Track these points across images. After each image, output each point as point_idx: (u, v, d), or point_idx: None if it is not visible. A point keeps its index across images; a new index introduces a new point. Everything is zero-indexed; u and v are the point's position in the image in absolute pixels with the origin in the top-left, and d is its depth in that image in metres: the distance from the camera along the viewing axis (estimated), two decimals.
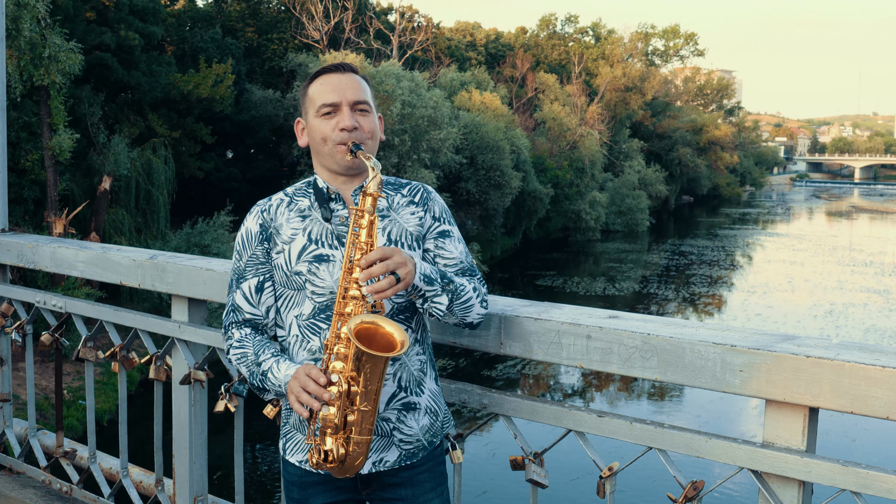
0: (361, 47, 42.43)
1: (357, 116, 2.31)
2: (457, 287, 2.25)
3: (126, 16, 27.32)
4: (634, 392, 21.17)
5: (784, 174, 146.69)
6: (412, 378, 2.31)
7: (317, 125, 2.32)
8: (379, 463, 2.28)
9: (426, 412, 2.34)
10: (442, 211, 2.42)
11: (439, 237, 2.38)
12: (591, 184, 51.33)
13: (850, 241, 54.47)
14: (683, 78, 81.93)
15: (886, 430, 16.76)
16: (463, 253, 2.39)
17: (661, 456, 2.21)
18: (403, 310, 2.30)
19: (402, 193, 2.38)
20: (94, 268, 3.51)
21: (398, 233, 2.32)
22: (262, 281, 2.35)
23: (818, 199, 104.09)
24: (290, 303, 2.32)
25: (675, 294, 34.20)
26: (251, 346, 2.31)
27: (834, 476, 1.96)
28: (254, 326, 2.38)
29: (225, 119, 32.89)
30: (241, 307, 2.37)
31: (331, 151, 2.30)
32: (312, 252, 2.28)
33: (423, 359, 2.36)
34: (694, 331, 2.17)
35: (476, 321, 2.33)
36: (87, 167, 24.73)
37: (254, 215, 2.39)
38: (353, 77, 2.35)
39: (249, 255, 2.37)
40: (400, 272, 2.09)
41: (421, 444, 2.33)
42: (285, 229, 2.33)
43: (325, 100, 2.30)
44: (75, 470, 3.79)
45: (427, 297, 2.21)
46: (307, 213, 2.33)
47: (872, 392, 1.88)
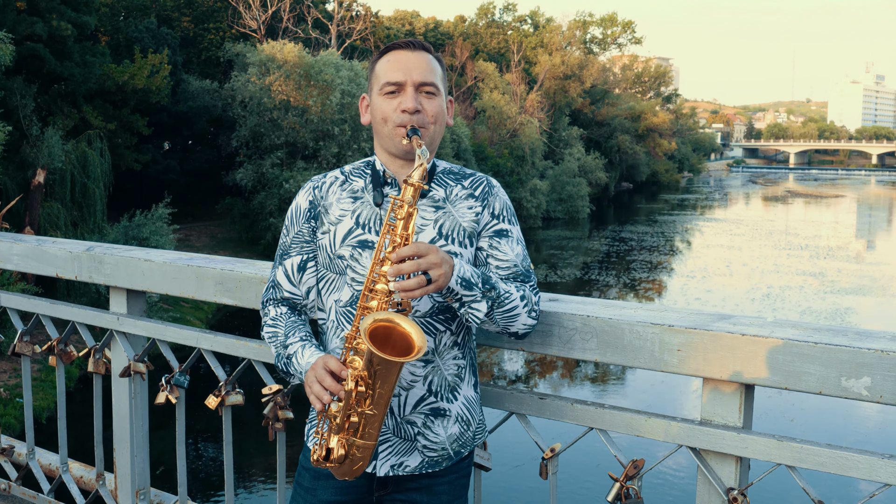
0: (300, 37, 42.12)
1: (422, 98, 2.18)
2: (500, 294, 2.11)
3: (58, 5, 26.77)
4: (579, 376, 21.35)
5: (721, 160, 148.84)
6: (445, 383, 2.21)
7: (379, 104, 2.21)
8: (398, 466, 2.20)
9: (457, 420, 2.23)
10: (503, 208, 2.27)
11: (495, 236, 2.23)
12: (531, 172, 51.57)
13: (786, 226, 55.44)
14: (621, 66, 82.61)
15: (822, 408, 17.13)
16: (519, 256, 2.24)
17: (602, 436, 2.23)
18: (445, 309, 2.19)
19: (463, 185, 2.26)
20: (29, 260, 3.45)
21: (450, 227, 2.19)
22: (305, 260, 2.27)
23: (755, 184, 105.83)
24: (331, 286, 2.23)
25: (616, 280, 34.53)
26: (283, 327, 2.24)
27: (769, 451, 2.00)
28: (291, 306, 2.31)
29: (162, 110, 32.47)
30: (280, 284, 2.30)
31: (390, 133, 2.19)
32: (358, 236, 2.18)
33: (462, 364, 2.25)
34: (633, 312, 2.20)
35: (522, 332, 2.20)
36: (20, 160, 24.23)
37: (305, 191, 2.30)
38: (423, 55, 2.22)
39: (296, 232, 2.28)
40: (432, 273, 1.96)
41: (446, 453, 2.23)
42: (334, 209, 2.23)
43: (390, 78, 2.18)
44: (13, 467, 3.72)
45: (464, 301, 2.08)
46: (359, 195, 2.24)
47: (805, 368, 1.93)
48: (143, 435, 3.25)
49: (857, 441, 15.55)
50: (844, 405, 16.68)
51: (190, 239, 30.88)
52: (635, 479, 2.18)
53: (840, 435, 16.00)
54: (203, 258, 3.03)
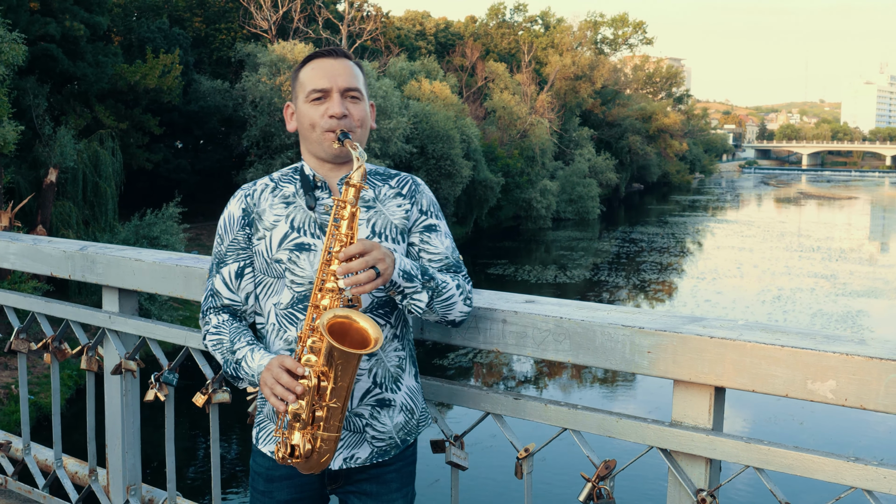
0: (310, 37, 42.22)
1: (347, 103, 2.25)
2: (438, 284, 2.21)
3: (71, 6, 26.95)
4: (588, 379, 21.36)
5: (733, 161, 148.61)
6: (388, 374, 2.28)
7: (306, 111, 2.27)
8: (350, 459, 2.27)
9: (401, 410, 2.31)
10: (430, 204, 2.36)
11: (425, 231, 2.33)
12: (541, 172, 51.54)
13: (798, 227, 55.26)
14: (632, 66, 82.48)
15: (831, 412, 17.09)
16: (449, 248, 2.34)
17: (575, 436, 2.26)
18: (383, 304, 2.26)
19: (390, 185, 2.34)
20: (25, 259, 3.50)
21: (382, 225, 2.27)
22: (242, 266, 2.32)
23: (767, 185, 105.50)
24: (270, 290, 2.29)
25: (626, 281, 34.50)
26: (227, 333, 2.27)
27: (738, 453, 2.02)
28: (232, 312, 2.35)
29: (173, 110, 32.60)
30: (219, 292, 2.34)
31: (319, 138, 2.25)
32: (294, 240, 2.24)
33: (402, 355, 2.32)
34: (605, 314, 2.23)
35: (459, 319, 2.29)
36: (32, 159, 24.38)
37: (237, 199, 2.35)
38: (345, 63, 2.29)
39: (231, 240, 2.33)
40: (379, 267, 2.04)
41: (394, 442, 2.30)
42: (268, 215, 2.29)
43: (316, 85, 2.25)
44: (10, 462, 3.77)
45: (406, 293, 2.17)
46: (291, 200, 2.29)
47: (772, 370, 1.96)
48: (135, 432, 3.29)
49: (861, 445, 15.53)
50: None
51: (201, 238, 30.94)
52: (607, 479, 2.21)
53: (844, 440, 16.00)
54: (192, 258, 3.08)
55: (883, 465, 1.88)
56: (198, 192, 34.18)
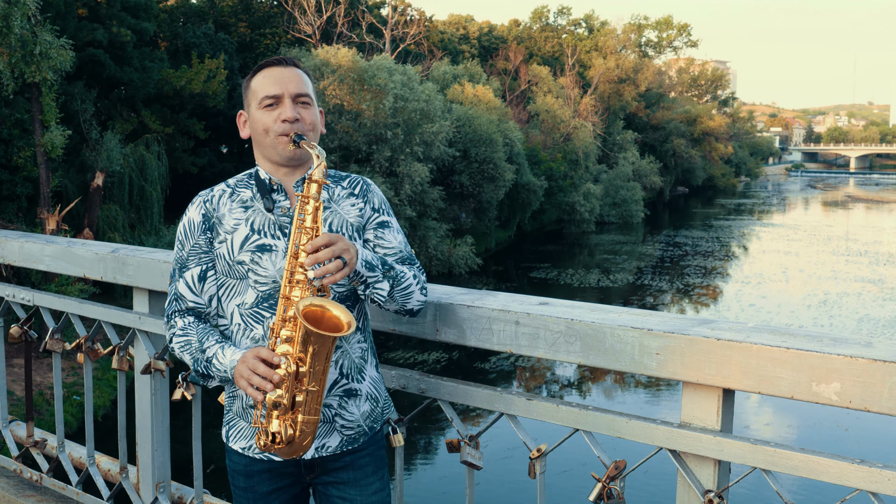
0: (354, 41, 42.46)
1: (299, 108, 2.35)
2: (397, 274, 2.31)
3: (118, 12, 27.36)
4: (630, 385, 21.28)
5: (779, 164, 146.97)
6: (353, 365, 2.36)
7: (259, 116, 2.36)
8: (322, 448, 2.34)
9: (367, 398, 2.39)
10: (381, 203, 2.46)
11: (378, 227, 2.42)
12: (585, 175, 51.38)
13: (846, 231, 54.55)
14: (677, 69, 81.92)
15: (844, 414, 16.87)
16: (402, 243, 2.45)
17: (587, 437, 2.29)
18: (344, 298, 2.35)
19: (343, 186, 2.44)
20: (59, 261, 3.59)
21: (339, 223, 2.37)
22: (204, 270, 2.39)
23: (813, 189, 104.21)
24: (232, 292, 2.36)
25: (670, 285, 34.28)
26: (195, 334, 2.34)
27: (744, 455, 2.04)
28: (197, 315, 2.41)
29: (218, 114, 32.94)
30: (183, 296, 2.40)
31: (273, 142, 2.34)
32: (255, 242, 2.31)
33: (364, 346, 2.41)
34: (616, 316, 2.25)
35: (416, 308, 2.39)
36: (80, 163, 24.78)
37: (196, 205, 2.43)
38: (294, 70, 2.39)
39: (192, 245, 2.40)
40: (345, 257, 2.14)
41: (362, 430, 2.39)
42: (228, 219, 2.36)
43: (268, 92, 2.34)
44: (45, 459, 3.87)
45: (369, 283, 2.26)
46: (249, 204, 2.37)
47: (778, 373, 1.97)
48: (164, 430, 3.36)
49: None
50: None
51: None
52: (617, 479, 2.23)
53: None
54: None
55: (888, 467, 1.88)
56: None
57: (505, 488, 13.19)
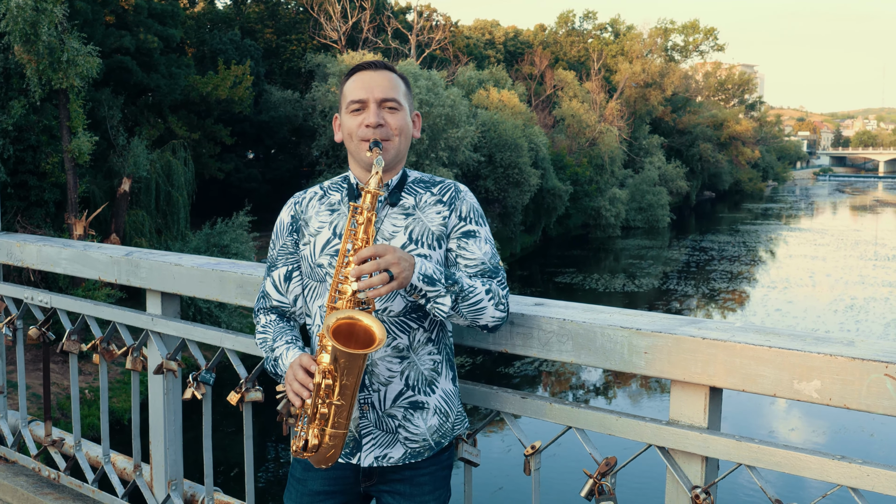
0: (379, 47, 42.60)
1: (384, 113, 2.34)
2: (463, 288, 2.23)
3: (145, 19, 27.61)
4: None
5: (807, 169, 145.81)
6: (422, 377, 2.34)
7: (346, 121, 2.37)
8: (382, 458, 2.34)
9: (435, 412, 2.37)
10: (470, 210, 2.40)
11: (463, 237, 2.37)
12: (610, 180, 51.29)
13: (874, 236, 54.10)
14: (704, 73, 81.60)
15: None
16: (487, 254, 2.37)
17: (579, 434, 2.34)
18: (417, 308, 2.32)
19: (432, 192, 2.39)
20: (75, 264, 3.68)
21: (420, 232, 2.33)
22: (290, 270, 2.45)
23: (842, 193, 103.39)
24: (315, 293, 2.39)
25: (696, 290, 34.14)
26: (271, 332, 2.42)
27: (729, 451, 2.08)
28: (280, 313, 2.49)
29: (244, 120, 33.13)
30: (269, 294, 2.49)
31: (356, 147, 2.35)
32: (335, 246, 2.33)
33: (438, 358, 2.38)
34: (607, 316, 2.30)
35: (491, 324, 2.31)
36: (107, 169, 25.00)
37: (288, 206, 2.48)
38: (385, 74, 2.38)
39: (281, 245, 2.47)
40: (393, 270, 2.08)
41: (427, 444, 2.37)
42: (314, 222, 2.40)
43: (354, 96, 2.35)
44: (62, 458, 3.96)
45: (429, 297, 2.20)
46: (336, 208, 2.39)
47: (761, 371, 2.01)
48: (176, 429, 3.44)
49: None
50: None
51: None
52: (608, 475, 2.28)
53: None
54: (230, 263, 3.22)
55: (867, 463, 1.92)
56: (268, 201, 34.65)
57: (501, 484, 13.29)
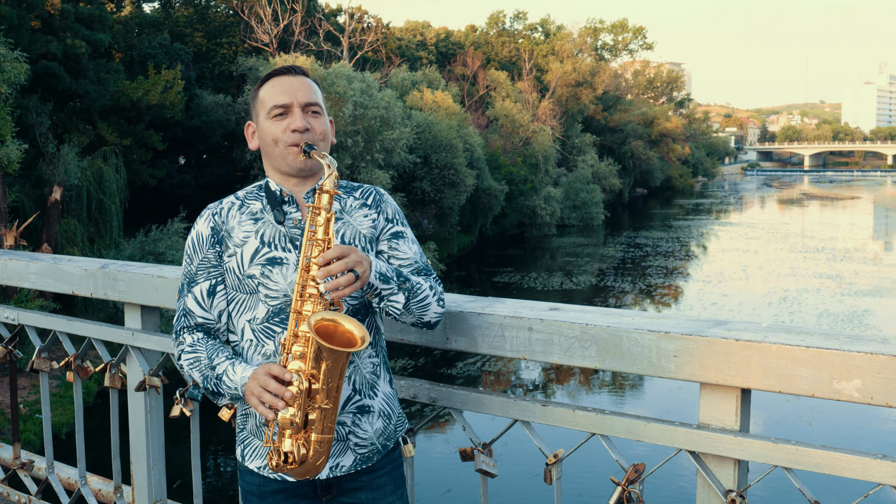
0: (311, 49, 42.31)
1: (309, 118, 2.28)
2: (413, 285, 2.24)
3: (72, 23, 27.03)
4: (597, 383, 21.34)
5: (735, 164, 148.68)
6: (365, 381, 2.29)
7: (268, 127, 2.29)
8: (336, 468, 2.27)
9: (380, 415, 2.32)
10: (395, 213, 2.40)
11: (392, 238, 2.36)
12: (545, 179, 51.60)
13: (802, 228, 55.24)
14: (633, 71, 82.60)
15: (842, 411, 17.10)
16: (417, 253, 2.38)
17: (604, 441, 2.29)
18: (356, 312, 2.28)
19: (355, 196, 2.37)
20: (45, 279, 3.53)
21: (351, 235, 2.30)
22: (213, 284, 2.32)
23: (769, 187, 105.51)
24: (243, 307, 2.29)
25: (632, 286, 34.48)
26: (204, 350, 2.27)
27: (766, 453, 2.05)
28: (206, 331, 2.34)
29: (176, 125, 32.65)
30: (192, 311, 2.33)
31: (282, 153, 2.27)
32: (265, 255, 2.25)
33: (377, 361, 2.34)
34: (630, 319, 2.25)
35: (434, 320, 2.33)
36: (36, 177, 24.43)
37: (204, 218, 2.37)
38: (303, 79, 2.33)
39: (201, 259, 2.33)
40: (358, 269, 2.07)
41: (375, 448, 2.31)
42: (237, 232, 2.30)
43: (277, 101, 2.28)
44: (33, 481, 3.80)
45: (383, 295, 2.20)
46: (259, 216, 2.31)
47: (798, 371, 1.98)
48: (160, 448, 3.31)
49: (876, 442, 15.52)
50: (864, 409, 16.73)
51: None
52: (636, 482, 2.23)
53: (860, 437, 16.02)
54: None
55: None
56: (202, 206, 33.77)
57: (521, 496, 13.16)
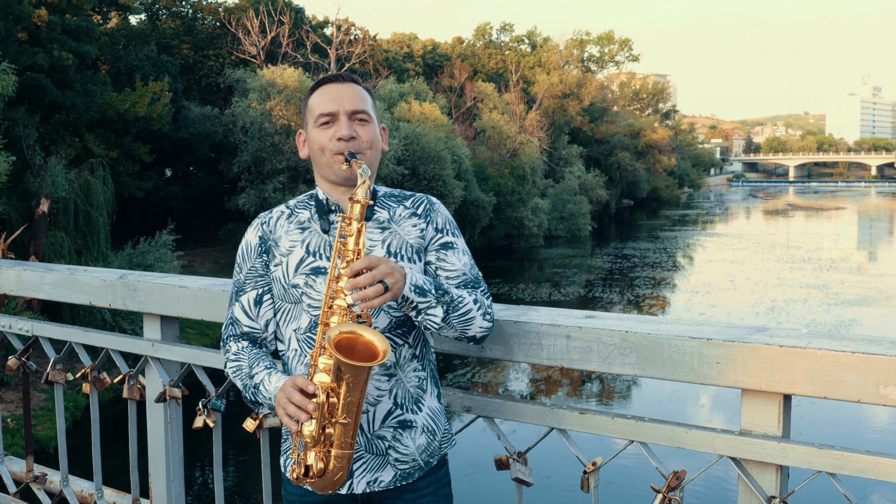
0: (299, 61, 42.32)
1: (355, 126, 2.28)
2: (453, 298, 2.19)
3: (59, 35, 26.95)
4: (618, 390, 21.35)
5: (721, 175, 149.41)
6: (409, 395, 2.27)
7: (315, 135, 2.30)
8: (374, 483, 2.25)
9: (423, 431, 2.30)
10: (445, 223, 2.36)
11: (441, 249, 2.32)
12: (532, 190, 51.65)
13: (788, 239, 55.47)
14: (619, 83, 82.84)
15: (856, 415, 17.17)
16: (467, 265, 2.33)
17: (643, 448, 2.28)
18: (401, 324, 2.26)
19: (405, 205, 2.34)
20: (62, 289, 3.49)
21: (398, 245, 2.27)
22: (260, 294, 2.33)
23: (755, 198, 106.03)
24: (289, 316, 2.30)
25: (620, 297, 34.52)
26: (246, 359, 2.29)
27: (810, 459, 2.04)
28: (252, 339, 2.36)
29: (163, 137, 32.60)
30: (239, 320, 2.35)
31: (328, 162, 2.27)
32: (310, 264, 2.25)
33: (423, 375, 2.32)
34: (670, 327, 2.25)
35: (479, 335, 2.27)
36: (23, 190, 24.31)
37: (254, 227, 2.37)
38: (352, 87, 2.32)
39: (249, 268, 2.35)
40: (388, 281, 2.02)
41: (417, 465, 2.29)
42: (284, 241, 2.30)
43: (323, 109, 2.28)
44: (47, 495, 3.75)
45: (420, 308, 2.15)
46: (307, 226, 2.31)
47: (844, 377, 1.98)
48: (179, 459, 3.29)
49: None
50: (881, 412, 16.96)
51: (193, 265, 30.89)
52: (677, 489, 2.22)
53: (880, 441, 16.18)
54: None
55: None
56: (190, 219, 34.16)
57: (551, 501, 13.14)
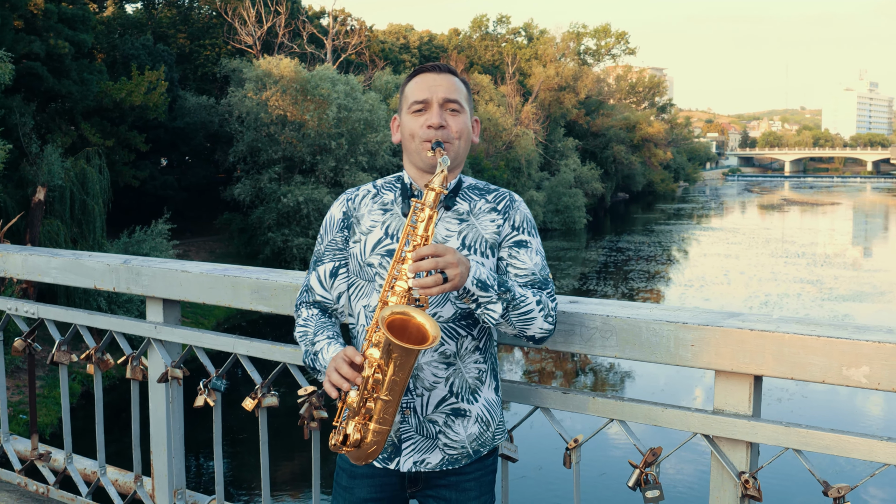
0: (295, 52, 42.31)
1: (446, 115, 2.33)
2: (515, 296, 2.23)
3: (55, 24, 26.93)
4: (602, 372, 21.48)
5: (716, 169, 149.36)
6: (466, 385, 2.33)
7: (407, 122, 2.36)
8: (420, 463, 2.33)
9: (477, 420, 2.35)
10: (523, 221, 2.40)
11: (514, 246, 2.36)
12: (527, 183, 51.75)
13: (783, 234, 55.61)
14: (615, 76, 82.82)
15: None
16: (538, 265, 2.36)
17: (622, 426, 2.41)
18: (466, 315, 2.32)
19: (487, 199, 2.40)
20: (67, 273, 3.61)
21: (473, 238, 2.33)
22: (337, 266, 2.42)
23: (750, 192, 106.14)
24: (360, 292, 2.37)
25: (615, 290, 34.65)
26: (313, 326, 2.38)
27: (778, 436, 2.17)
28: (322, 308, 2.46)
29: (159, 126, 32.59)
30: (313, 288, 2.45)
31: (417, 148, 2.33)
32: (386, 246, 2.32)
33: (483, 367, 2.37)
34: (648, 311, 2.38)
35: (539, 335, 2.30)
36: (19, 178, 24.34)
37: (339, 202, 2.46)
38: (448, 76, 2.37)
39: (329, 240, 2.44)
40: (449, 272, 2.07)
41: (465, 452, 2.35)
42: (365, 220, 2.38)
43: (417, 96, 2.34)
44: (51, 472, 3.88)
45: (480, 302, 2.19)
46: (389, 208, 2.38)
47: (810, 359, 2.10)
48: (180, 437, 3.41)
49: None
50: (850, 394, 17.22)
51: (189, 254, 30.91)
52: (653, 465, 2.35)
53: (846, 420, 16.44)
54: (237, 269, 3.21)
55: None
56: (185, 208, 34.16)
57: (540, 479, 13.37)
